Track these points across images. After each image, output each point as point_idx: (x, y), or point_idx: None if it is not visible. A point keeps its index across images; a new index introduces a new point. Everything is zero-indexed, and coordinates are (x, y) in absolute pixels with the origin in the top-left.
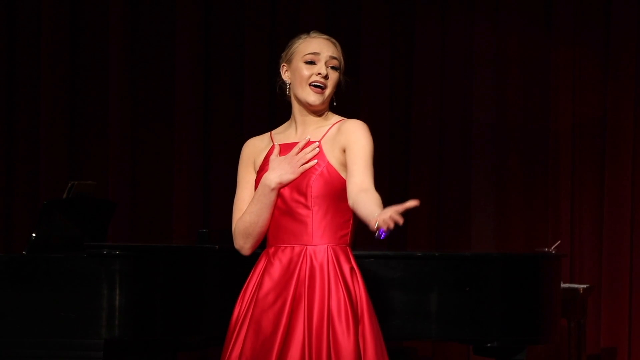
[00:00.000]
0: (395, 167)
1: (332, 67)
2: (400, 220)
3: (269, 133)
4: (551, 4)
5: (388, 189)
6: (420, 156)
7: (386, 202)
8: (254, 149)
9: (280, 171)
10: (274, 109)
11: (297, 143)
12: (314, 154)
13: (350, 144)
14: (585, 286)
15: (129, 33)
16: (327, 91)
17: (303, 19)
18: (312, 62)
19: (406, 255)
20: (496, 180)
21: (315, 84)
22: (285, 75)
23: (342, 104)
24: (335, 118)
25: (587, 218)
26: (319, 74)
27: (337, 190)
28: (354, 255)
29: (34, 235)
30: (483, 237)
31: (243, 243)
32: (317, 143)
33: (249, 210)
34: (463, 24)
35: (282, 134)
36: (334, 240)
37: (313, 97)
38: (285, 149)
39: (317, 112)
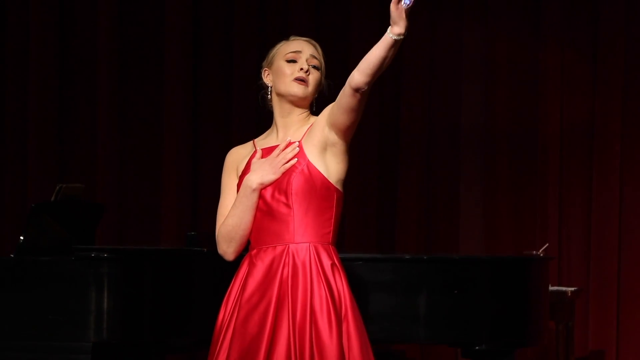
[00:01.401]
0: (384, 170)
1: (313, 67)
2: None
3: (252, 141)
4: (539, 9)
5: (377, 192)
6: (409, 159)
7: (375, 205)
8: (237, 156)
9: (262, 172)
10: (262, 115)
11: (278, 146)
12: (294, 153)
13: (322, 114)
14: (573, 289)
15: (118, 37)
16: (310, 87)
17: (292, 28)
18: (293, 60)
19: (395, 258)
20: (484, 183)
21: (298, 78)
22: (267, 79)
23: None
24: (315, 118)
25: (575, 221)
26: (301, 69)
27: (318, 188)
28: (340, 256)
29: (22, 238)
30: (471, 240)
31: (226, 247)
32: (297, 143)
33: (231, 213)
34: (452, 28)
35: (264, 140)
36: (315, 239)
37: (297, 89)
38: (267, 152)
39: (299, 107)
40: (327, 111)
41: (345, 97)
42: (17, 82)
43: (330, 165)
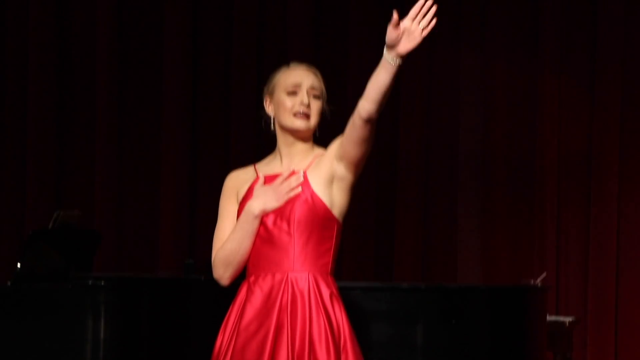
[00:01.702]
0: (382, 197)
1: (314, 96)
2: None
3: (253, 165)
4: (537, 34)
5: (374, 218)
6: (407, 186)
7: (373, 233)
8: (237, 180)
9: (265, 199)
10: (261, 140)
11: (281, 174)
12: (299, 182)
13: (330, 147)
14: (571, 319)
15: (116, 65)
16: (312, 119)
17: (290, 52)
18: (293, 92)
19: (392, 287)
20: (482, 211)
21: (300, 112)
22: (269, 109)
23: (329, 132)
24: (320, 150)
25: (572, 250)
26: (302, 103)
27: (320, 218)
28: (338, 285)
29: (19, 265)
30: (469, 269)
31: (223, 272)
32: (302, 172)
33: (230, 237)
34: (450, 53)
35: (267, 166)
36: (315, 268)
37: (299, 123)
38: (270, 179)
39: (302, 139)
40: (335, 145)
41: (356, 129)
42: (15, 107)
43: (335, 198)
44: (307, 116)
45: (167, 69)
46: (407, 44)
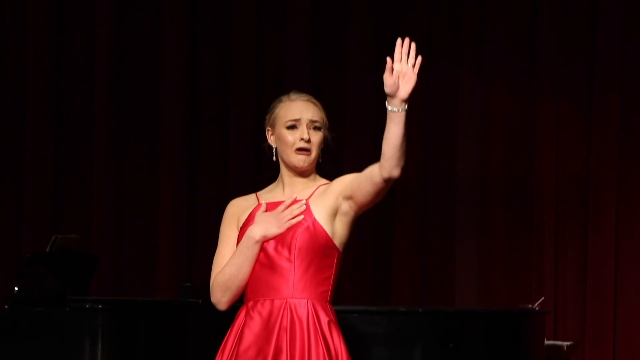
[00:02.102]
0: (379, 222)
1: (315, 128)
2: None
3: (255, 193)
4: (535, 61)
5: (372, 244)
6: (404, 210)
7: (370, 257)
8: (239, 207)
9: (266, 225)
10: (259, 165)
11: (284, 201)
12: (301, 210)
13: (338, 182)
14: (568, 343)
15: (115, 90)
16: (313, 153)
17: (288, 81)
18: (293, 126)
19: (390, 310)
20: (480, 235)
21: (300, 148)
22: (271, 140)
23: (327, 161)
24: (323, 180)
25: (570, 274)
26: (302, 139)
27: (321, 246)
28: (335, 310)
29: (16, 289)
30: (467, 293)
31: (220, 297)
32: (304, 200)
33: (230, 262)
34: (448, 80)
35: (269, 194)
36: (313, 296)
37: (299, 160)
38: (272, 207)
39: (304, 173)
40: (344, 182)
41: (373, 184)
42: (13, 131)
43: (337, 228)
44: (308, 151)
45: (165, 94)
46: (406, 86)
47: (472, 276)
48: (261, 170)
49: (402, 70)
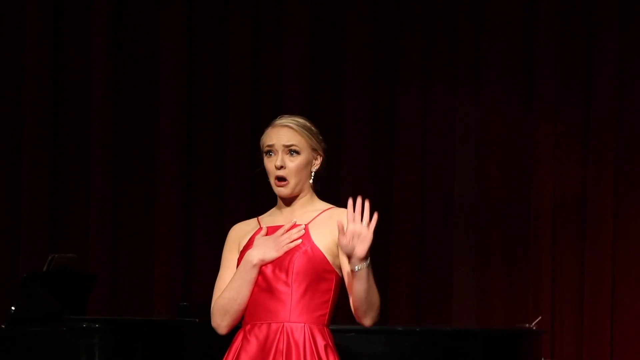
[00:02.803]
0: (377, 241)
1: (291, 152)
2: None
3: (256, 218)
4: (532, 80)
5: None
6: (401, 229)
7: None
8: (240, 232)
9: (264, 249)
10: (256, 184)
11: (283, 226)
12: (300, 235)
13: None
14: None
15: (111, 110)
16: (292, 180)
17: (284, 100)
18: (269, 152)
19: (387, 330)
20: (477, 255)
21: (277, 177)
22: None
23: (323, 178)
24: (323, 204)
25: (567, 294)
26: (276, 166)
27: (319, 270)
28: (332, 329)
29: (13, 308)
30: (464, 313)
31: (220, 321)
32: (304, 225)
33: (229, 286)
34: (445, 98)
35: (269, 217)
36: (311, 320)
37: (280, 192)
38: (272, 230)
39: (294, 198)
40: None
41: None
42: (9, 149)
43: (335, 252)
44: (284, 180)
45: (163, 114)
46: (361, 246)
47: (469, 295)
48: (258, 190)
49: (357, 230)
